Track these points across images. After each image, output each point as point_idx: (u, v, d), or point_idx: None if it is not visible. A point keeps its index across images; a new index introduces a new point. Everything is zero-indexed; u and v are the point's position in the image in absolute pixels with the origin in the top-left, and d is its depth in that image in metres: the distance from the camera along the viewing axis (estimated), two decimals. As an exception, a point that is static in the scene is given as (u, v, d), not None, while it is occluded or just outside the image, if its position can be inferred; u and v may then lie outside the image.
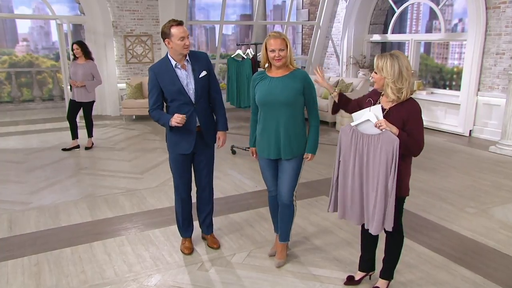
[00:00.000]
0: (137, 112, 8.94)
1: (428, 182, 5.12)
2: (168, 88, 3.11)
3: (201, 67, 3.16)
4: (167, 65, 3.10)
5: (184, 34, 3.00)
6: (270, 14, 14.89)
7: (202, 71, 3.16)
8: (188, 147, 3.21)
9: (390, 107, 2.50)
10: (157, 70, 3.12)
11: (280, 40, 2.89)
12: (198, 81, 3.15)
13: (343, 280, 3.02)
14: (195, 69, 3.14)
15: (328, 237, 3.68)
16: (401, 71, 2.41)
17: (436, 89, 8.65)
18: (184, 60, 3.13)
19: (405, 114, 2.46)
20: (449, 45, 10.23)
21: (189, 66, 3.14)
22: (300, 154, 3.09)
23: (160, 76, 3.10)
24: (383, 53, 2.50)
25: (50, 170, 5.67)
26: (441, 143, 7.13)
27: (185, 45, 3.01)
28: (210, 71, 3.23)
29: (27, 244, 3.62)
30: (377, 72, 2.49)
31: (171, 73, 3.09)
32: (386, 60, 2.43)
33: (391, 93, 2.45)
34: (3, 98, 10.75)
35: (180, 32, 2.98)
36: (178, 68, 3.11)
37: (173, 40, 2.99)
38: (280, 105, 2.96)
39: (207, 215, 3.54)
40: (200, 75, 3.15)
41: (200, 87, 3.16)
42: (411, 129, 2.47)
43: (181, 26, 3.00)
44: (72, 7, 10.11)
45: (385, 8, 9.87)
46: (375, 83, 2.54)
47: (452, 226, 3.93)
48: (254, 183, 5.14)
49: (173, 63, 3.10)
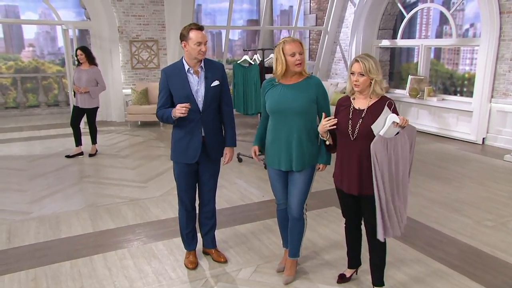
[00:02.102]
0: (142, 118, 8.83)
1: (441, 193, 4.93)
2: (177, 92, 3.01)
3: (214, 76, 3.04)
4: (180, 68, 3.01)
5: (201, 40, 2.90)
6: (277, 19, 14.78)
7: (215, 81, 3.04)
8: (193, 156, 3.07)
9: (368, 106, 2.61)
10: (169, 72, 3.03)
11: (299, 43, 2.78)
12: (209, 89, 3.01)
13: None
14: (208, 77, 3.02)
15: (339, 252, 3.50)
16: (378, 68, 2.59)
17: (447, 96, 8.45)
18: (198, 66, 3.01)
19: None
20: (460, 50, 10.03)
21: (202, 73, 3.02)
22: (313, 165, 2.93)
23: (171, 78, 3.01)
24: (360, 56, 2.59)
25: (53, 178, 5.55)
26: (454, 151, 6.93)
27: (200, 50, 2.91)
28: (223, 82, 3.11)
29: (26, 257, 3.48)
30: (364, 74, 2.55)
31: (183, 77, 2.99)
32: (370, 61, 2.55)
33: (380, 90, 2.60)
34: (8, 104, 10.67)
35: (198, 37, 2.89)
36: (190, 73, 3.00)
37: (189, 43, 2.90)
38: (292, 114, 2.81)
39: (210, 229, 3.40)
40: (212, 84, 3.03)
41: (210, 96, 3.03)
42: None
43: (200, 31, 2.92)
44: (78, 13, 10.07)
45: (394, 13, 9.71)
46: (357, 86, 2.59)
47: (470, 240, 3.73)
48: (261, 192, 4.98)
49: (186, 67, 3.00)
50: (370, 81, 2.58)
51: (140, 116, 8.79)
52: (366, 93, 2.63)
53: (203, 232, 3.42)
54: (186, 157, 3.08)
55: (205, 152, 3.10)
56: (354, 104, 2.68)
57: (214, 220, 3.40)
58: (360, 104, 2.66)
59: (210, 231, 3.40)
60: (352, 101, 2.71)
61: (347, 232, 3.02)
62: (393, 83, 10.26)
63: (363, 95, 2.65)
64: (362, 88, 2.61)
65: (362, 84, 2.59)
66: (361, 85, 2.59)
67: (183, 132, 3.05)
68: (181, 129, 3.06)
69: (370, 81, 2.58)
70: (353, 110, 2.67)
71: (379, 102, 2.62)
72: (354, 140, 2.63)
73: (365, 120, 2.60)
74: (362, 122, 2.60)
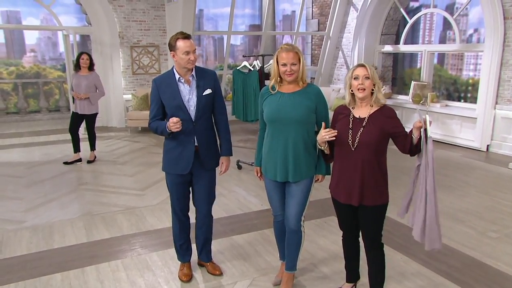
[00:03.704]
0: (142, 123, 8.76)
1: (444, 202, 4.81)
2: (168, 102, 2.92)
3: (206, 85, 2.96)
4: (170, 78, 2.93)
5: (189, 49, 2.82)
6: (280, 24, 14.72)
7: (207, 89, 2.95)
8: (185, 167, 2.98)
9: (369, 115, 2.54)
10: (159, 82, 2.96)
11: (293, 54, 2.67)
12: (200, 98, 2.93)
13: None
14: (199, 85, 2.94)
15: (338, 264, 3.38)
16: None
17: (451, 102, 8.33)
18: (189, 75, 2.93)
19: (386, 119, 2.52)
20: (464, 56, 9.91)
21: (194, 82, 2.94)
22: (310, 176, 2.84)
23: (162, 88, 2.93)
24: (359, 64, 2.56)
25: (49, 185, 5.48)
26: (457, 158, 6.81)
27: (189, 59, 2.84)
28: (216, 90, 3.02)
29: (16, 269, 3.40)
30: (369, 77, 2.50)
31: (174, 87, 2.91)
32: (370, 67, 2.52)
33: (382, 97, 2.55)
34: (9, 109, 10.64)
35: (186, 46, 2.81)
36: (181, 82, 2.93)
37: (178, 53, 2.84)
38: (290, 123, 2.72)
39: (205, 242, 3.30)
40: (204, 93, 2.94)
41: (202, 105, 2.94)
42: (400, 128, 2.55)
43: (187, 40, 2.83)
44: (80, 18, 10.04)
45: (397, 18, 9.62)
46: (362, 91, 2.50)
47: (474, 253, 3.62)
48: (259, 201, 4.88)
49: (177, 76, 2.92)
50: (372, 88, 2.52)
51: (140, 122, 8.72)
52: (368, 101, 2.55)
53: (199, 245, 3.32)
54: (178, 168, 2.99)
55: (199, 161, 3.01)
56: (354, 113, 2.60)
57: (209, 233, 3.29)
58: (360, 113, 2.58)
59: (206, 245, 3.30)
60: (351, 110, 2.63)
61: (345, 244, 2.92)
62: (396, 89, 10.15)
63: (364, 103, 2.57)
64: (367, 93, 2.52)
65: (368, 88, 2.50)
66: (367, 89, 2.50)
67: (175, 142, 2.97)
68: (172, 139, 2.98)
69: (373, 87, 2.52)
70: (353, 119, 2.59)
71: (380, 110, 2.56)
72: (354, 150, 2.54)
73: (366, 128, 2.52)
74: (363, 131, 2.52)
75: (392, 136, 2.55)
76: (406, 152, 2.53)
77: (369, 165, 2.52)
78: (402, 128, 2.56)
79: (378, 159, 2.55)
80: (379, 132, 2.50)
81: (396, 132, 2.53)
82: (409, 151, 2.51)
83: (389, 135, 2.54)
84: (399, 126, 2.54)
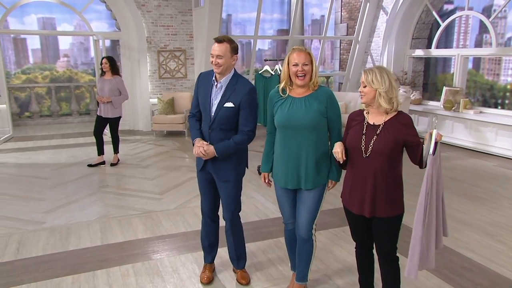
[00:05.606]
0: (168, 127, 8.84)
1: (473, 214, 4.53)
2: (200, 99, 2.97)
3: (232, 97, 2.83)
4: (210, 77, 2.95)
5: (213, 52, 2.81)
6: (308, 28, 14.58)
7: (229, 102, 2.84)
8: (199, 163, 3.02)
9: (384, 122, 2.43)
10: (201, 77, 3.03)
11: (304, 54, 2.57)
12: (220, 108, 2.86)
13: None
14: (225, 95, 2.86)
15: (354, 277, 3.21)
16: (391, 81, 2.40)
17: (486, 108, 7.92)
18: (222, 79, 2.87)
19: (402, 126, 2.40)
20: (502, 60, 9.44)
21: (223, 89, 2.87)
22: (323, 183, 2.71)
23: (201, 84, 3.00)
24: (368, 68, 2.47)
25: (72, 187, 5.57)
26: (491, 168, 6.44)
27: (213, 63, 2.82)
28: (243, 106, 2.83)
29: (30, 269, 3.43)
30: (366, 86, 2.42)
31: (208, 86, 2.93)
32: (374, 73, 2.41)
33: (384, 103, 2.40)
34: (43, 112, 11.02)
35: (213, 49, 2.82)
36: (214, 85, 2.91)
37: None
38: (302, 129, 2.61)
39: (232, 249, 3.23)
40: (225, 105, 2.84)
41: (219, 115, 2.85)
42: (415, 138, 2.41)
43: (216, 44, 2.82)
44: (110, 24, 10.28)
45: (429, 21, 9.28)
46: (363, 97, 2.45)
47: (504, 271, 3.35)
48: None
49: (214, 78, 2.92)
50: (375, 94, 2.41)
51: (165, 125, 8.80)
52: (377, 107, 2.43)
53: (228, 250, 3.30)
54: (197, 163, 3.05)
55: (214, 170, 2.97)
56: (368, 119, 2.48)
57: (236, 240, 3.18)
58: (375, 120, 2.46)
59: (232, 252, 3.24)
60: (365, 116, 2.51)
61: (358, 256, 2.77)
62: (428, 95, 9.79)
63: (376, 109, 2.45)
64: (367, 99, 2.43)
65: (366, 95, 2.43)
66: (365, 96, 2.43)
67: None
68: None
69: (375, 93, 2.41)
70: (367, 125, 2.46)
71: (396, 117, 2.42)
72: (367, 157, 2.41)
73: (380, 136, 2.39)
74: (377, 139, 2.39)
75: (405, 145, 2.40)
76: (416, 163, 2.39)
77: (382, 175, 2.38)
78: (417, 138, 2.40)
79: (392, 168, 2.40)
80: (393, 140, 2.36)
81: (410, 141, 2.39)
82: (419, 163, 2.38)
83: (403, 143, 2.39)
84: (414, 135, 2.39)
